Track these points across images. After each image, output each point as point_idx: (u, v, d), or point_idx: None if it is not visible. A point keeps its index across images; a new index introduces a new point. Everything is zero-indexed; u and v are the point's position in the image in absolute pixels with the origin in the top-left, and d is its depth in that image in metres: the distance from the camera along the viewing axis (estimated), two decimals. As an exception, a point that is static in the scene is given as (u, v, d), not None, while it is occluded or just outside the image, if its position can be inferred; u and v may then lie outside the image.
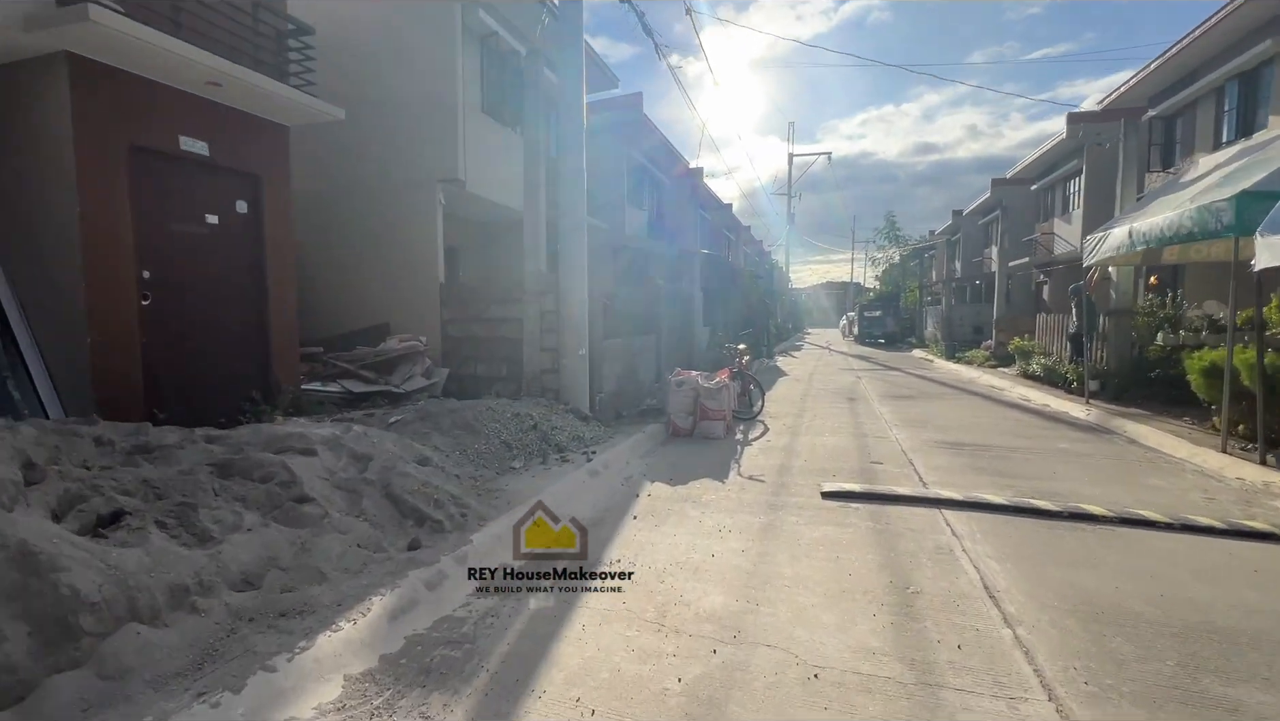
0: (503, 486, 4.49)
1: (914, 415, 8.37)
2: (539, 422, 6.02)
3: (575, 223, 6.84)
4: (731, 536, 3.79)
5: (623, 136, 14.09)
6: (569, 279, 6.83)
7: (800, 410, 8.88)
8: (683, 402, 7.05)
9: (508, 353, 7.39)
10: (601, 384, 7.63)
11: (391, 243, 7.88)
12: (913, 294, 32.82)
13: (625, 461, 5.76)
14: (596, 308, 7.46)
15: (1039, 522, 3.96)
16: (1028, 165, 18.32)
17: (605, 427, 6.72)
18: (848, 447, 6.32)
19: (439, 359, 7.70)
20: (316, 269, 8.35)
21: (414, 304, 7.80)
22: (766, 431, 7.31)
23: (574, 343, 6.86)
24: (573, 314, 6.85)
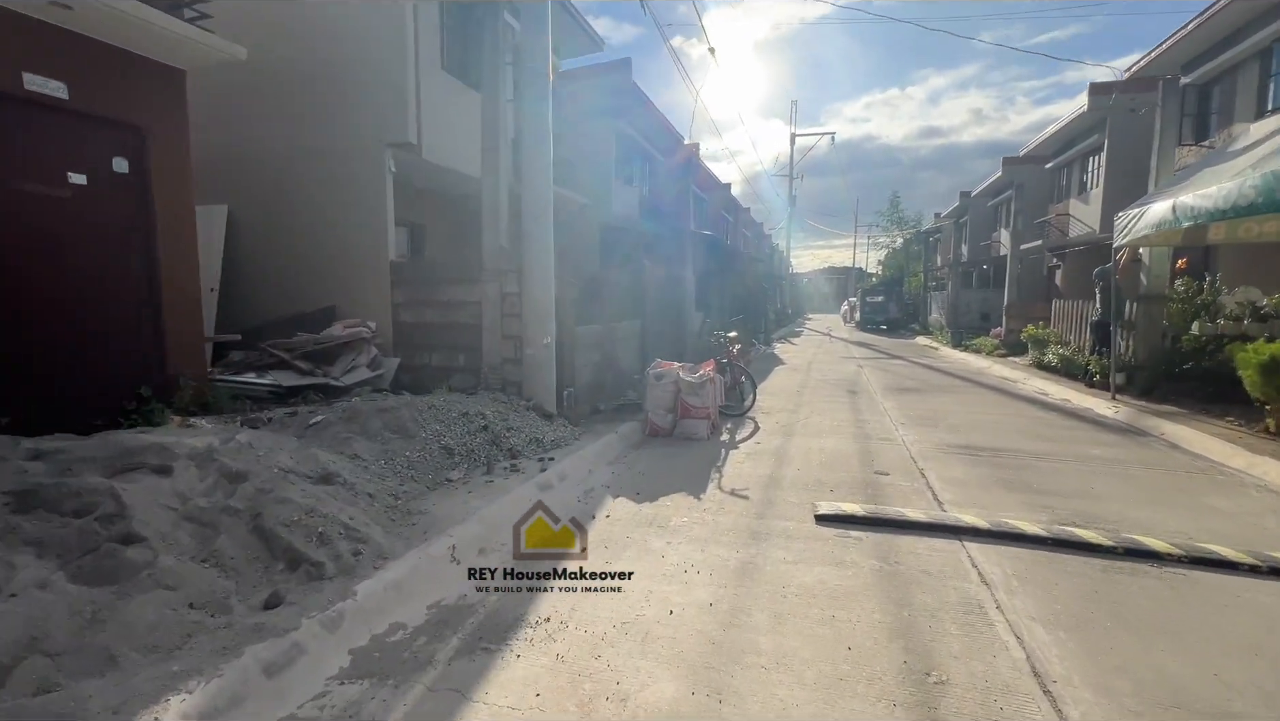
0: (426, 508, 3.68)
1: (922, 411, 7.54)
2: (491, 422, 5.20)
3: (540, 193, 5.95)
4: (699, 580, 2.98)
5: (611, 107, 13.10)
6: (533, 257, 5.97)
7: (796, 405, 8.05)
8: (662, 398, 6.22)
9: (465, 340, 6.55)
10: (574, 375, 6.80)
11: (338, 215, 7.00)
12: (916, 279, 31.87)
13: (588, 470, 4.95)
14: (568, 290, 6.60)
15: (1088, 562, 3.15)
16: (1043, 142, 17.29)
17: (573, 427, 5.90)
18: (848, 452, 5.50)
19: (390, 347, 6.86)
20: (257, 245, 7.48)
21: (364, 285, 6.94)
22: (757, 430, 6.49)
23: (538, 329, 6.01)
24: (537, 297, 5.99)
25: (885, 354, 16.12)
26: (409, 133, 6.61)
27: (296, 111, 7.10)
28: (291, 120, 7.12)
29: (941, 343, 18.33)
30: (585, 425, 6.18)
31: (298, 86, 7.06)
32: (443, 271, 6.59)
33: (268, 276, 7.43)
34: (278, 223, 7.32)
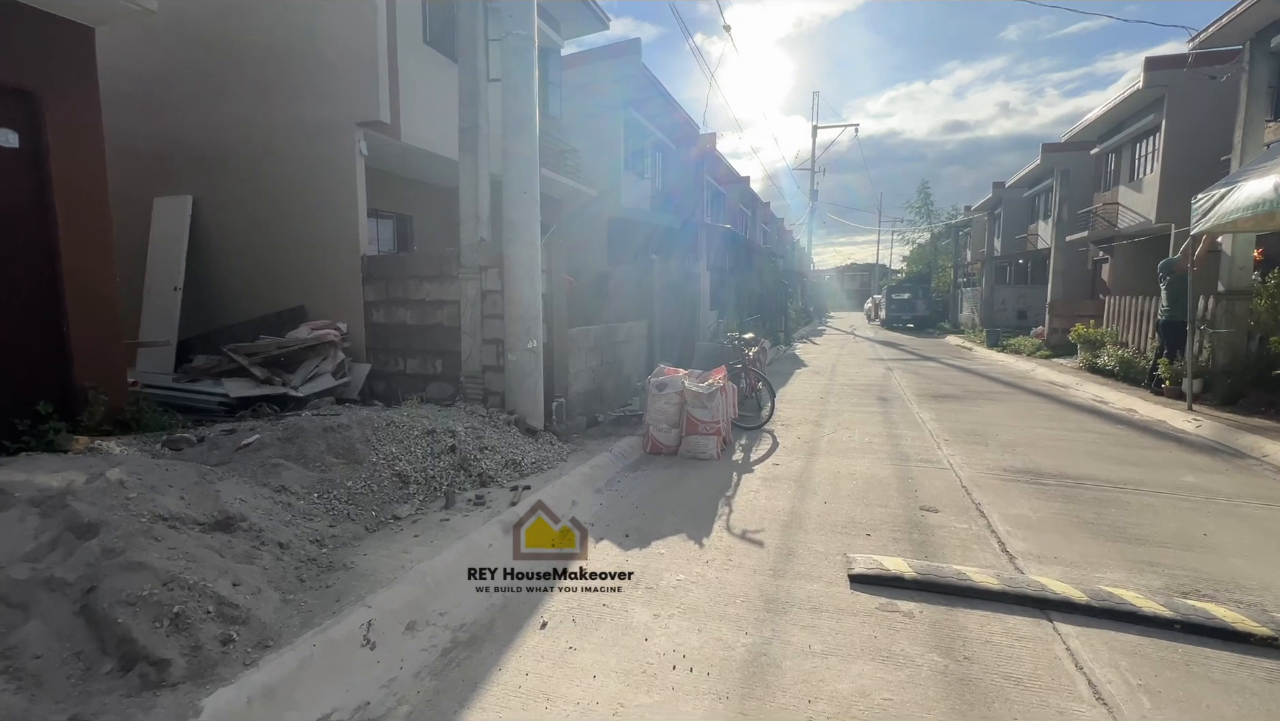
0: (353, 560, 2.91)
1: (966, 423, 6.59)
2: (461, 441, 4.43)
3: (524, 177, 5.16)
4: (687, 686, 2.15)
5: (620, 94, 12.29)
6: (517, 250, 5.19)
7: (820, 415, 7.16)
8: (665, 411, 5.39)
9: (443, 345, 5.80)
10: (567, 384, 6.01)
11: (306, 204, 6.30)
12: (945, 275, 30.51)
13: (571, 500, 4.14)
14: (559, 287, 5.81)
15: (1242, 663, 2.25)
16: (1088, 126, 16.01)
17: (561, 444, 5.11)
18: (884, 479, 4.62)
19: (362, 351, 6.14)
20: (226, 238, 6.83)
21: (334, 282, 6.23)
22: (775, 448, 5.62)
23: (521, 332, 5.23)
24: (521, 295, 5.21)
25: (915, 355, 15.04)
26: (380, 110, 5.87)
27: (260, 89, 6.41)
28: (256, 99, 6.44)
29: (975, 342, 17.17)
30: (577, 442, 5.39)
31: (260, 61, 6.37)
32: (417, 266, 5.85)
33: (238, 272, 6.78)
34: (247, 214, 6.65)
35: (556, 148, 9.28)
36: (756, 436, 6.11)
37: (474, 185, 5.53)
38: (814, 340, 20.03)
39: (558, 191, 10.15)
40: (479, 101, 5.52)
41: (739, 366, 6.80)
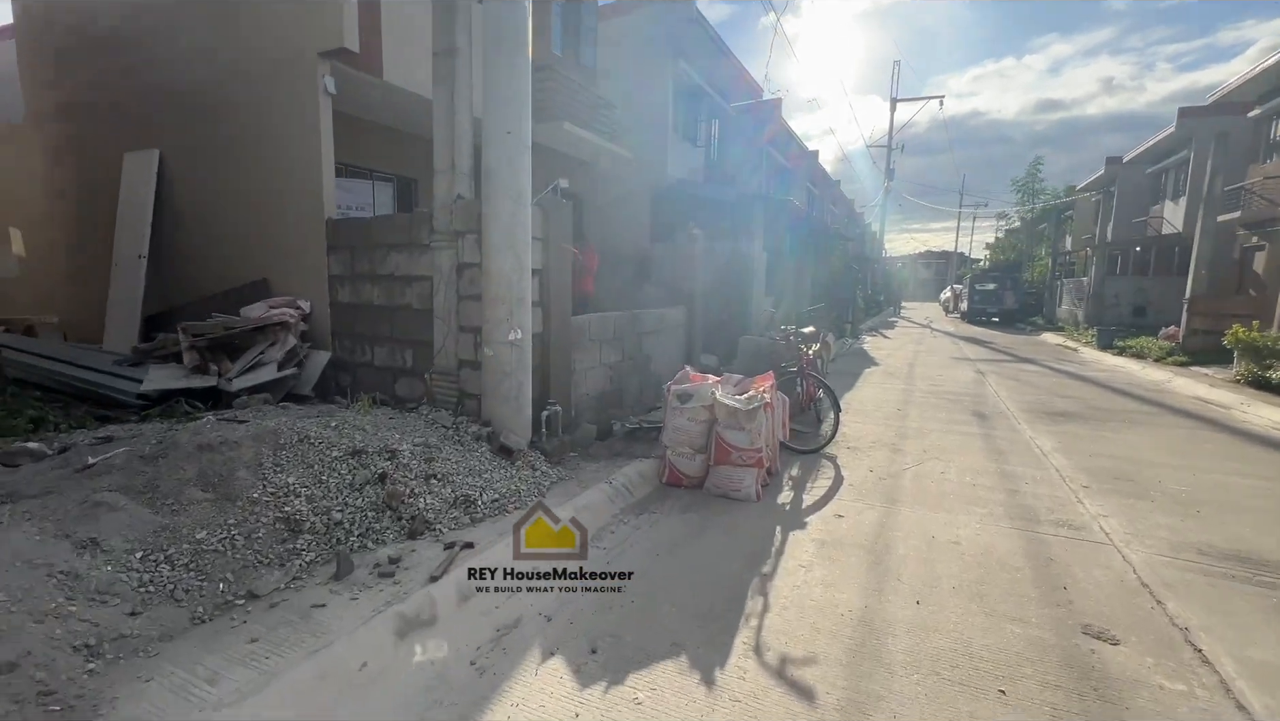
0: (114, 699, 1.73)
1: (1107, 459, 4.85)
2: (398, 468, 3.24)
3: (506, 112, 3.86)
4: None
5: (669, 45, 10.73)
6: (494, 209, 3.91)
7: (899, 435, 5.56)
8: (687, 431, 4.00)
9: (413, 331, 4.62)
10: (569, 385, 4.73)
11: (264, 158, 5.25)
12: (1041, 264, 27.25)
13: (530, 570, 2.85)
14: (561, 262, 4.51)
15: None
16: (1248, 81, 13.05)
17: (547, 469, 3.85)
18: (1008, 557, 3.07)
19: (327, 336, 5.06)
20: (194, 199, 5.91)
21: (298, 252, 5.17)
22: (839, 485, 4.14)
23: (500, 318, 3.97)
24: (499, 270, 3.94)
25: (1008, 354, 12.87)
26: (345, 35, 4.68)
27: (221, 16, 5.37)
28: (216, 29, 5.41)
29: (1081, 342, 14.69)
30: (571, 465, 4.10)
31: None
32: (383, 232, 4.67)
33: (206, 238, 5.85)
34: (213, 170, 5.69)
35: (588, 100, 7.91)
36: (814, 464, 4.63)
37: (449, 126, 4.27)
38: (885, 333, 17.93)
39: (586, 152, 8.78)
40: (458, 19, 4.23)
41: (793, 370, 5.29)
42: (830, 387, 5.28)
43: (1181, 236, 16.00)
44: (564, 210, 4.54)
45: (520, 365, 4.07)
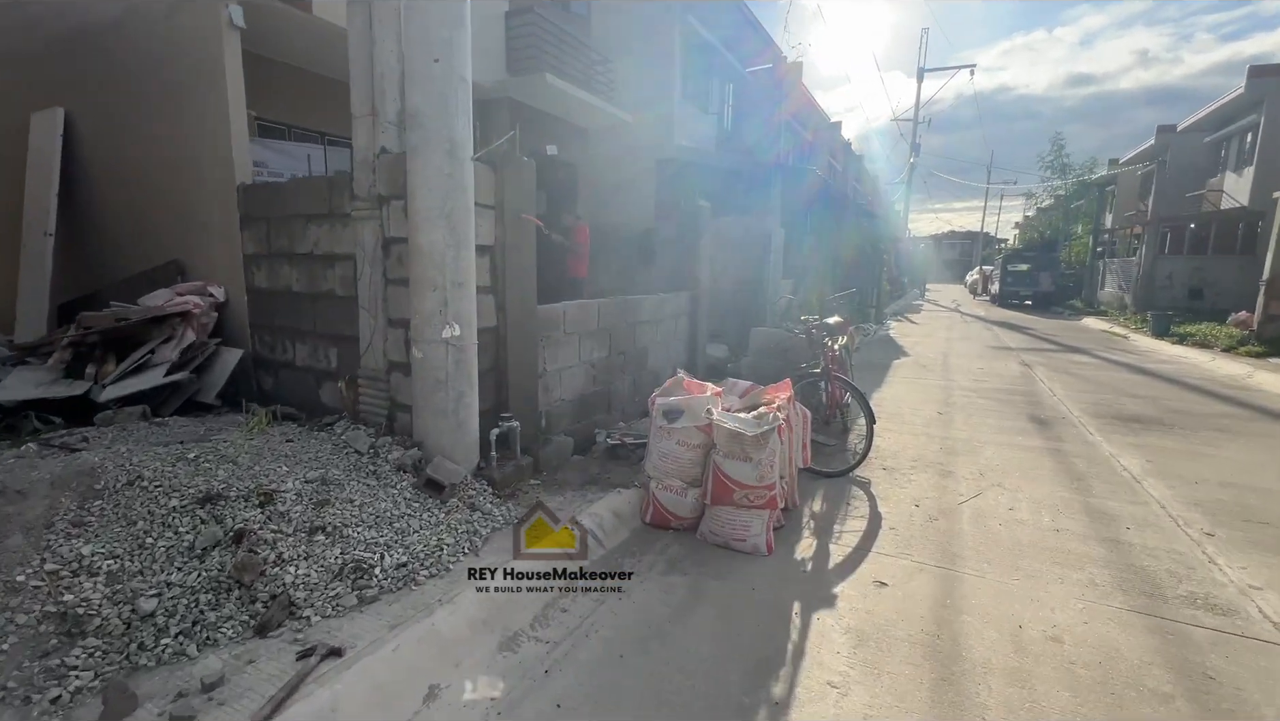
0: None
1: (1215, 486, 3.79)
2: (266, 521, 2.32)
3: (436, 34, 2.87)
4: None
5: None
6: (426, 172, 2.95)
7: (945, 450, 4.54)
8: (675, 459, 3.04)
9: (336, 324, 3.70)
10: (535, 391, 3.78)
11: (167, 113, 4.32)
12: (1080, 243, 25.55)
13: (423, 687, 1.92)
14: (521, 236, 3.53)
15: None
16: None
17: (493, 506, 2.92)
18: (1138, 665, 2.07)
19: (244, 329, 4.16)
20: (108, 167, 5.01)
21: (210, 226, 4.26)
22: (876, 531, 3.15)
23: (431, 309, 3.02)
24: (429, 245, 2.98)
25: (1052, 342, 11.64)
26: (248, -53, 3.69)
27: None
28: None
29: (1130, 328, 13.38)
30: (530, 497, 3.16)
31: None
32: (299, 200, 3.72)
33: (121, 212, 4.97)
34: (124, 130, 4.79)
35: (578, 52, 6.85)
36: (841, 492, 3.64)
37: (368, 57, 3.28)
38: (911, 318, 16.69)
39: (579, 115, 7.73)
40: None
41: (816, 371, 4.27)
42: (861, 392, 4.26)
43: (1247, 211, 14.47)
44: (525, 170, 3.55)
45: (460, 370, 3.12)
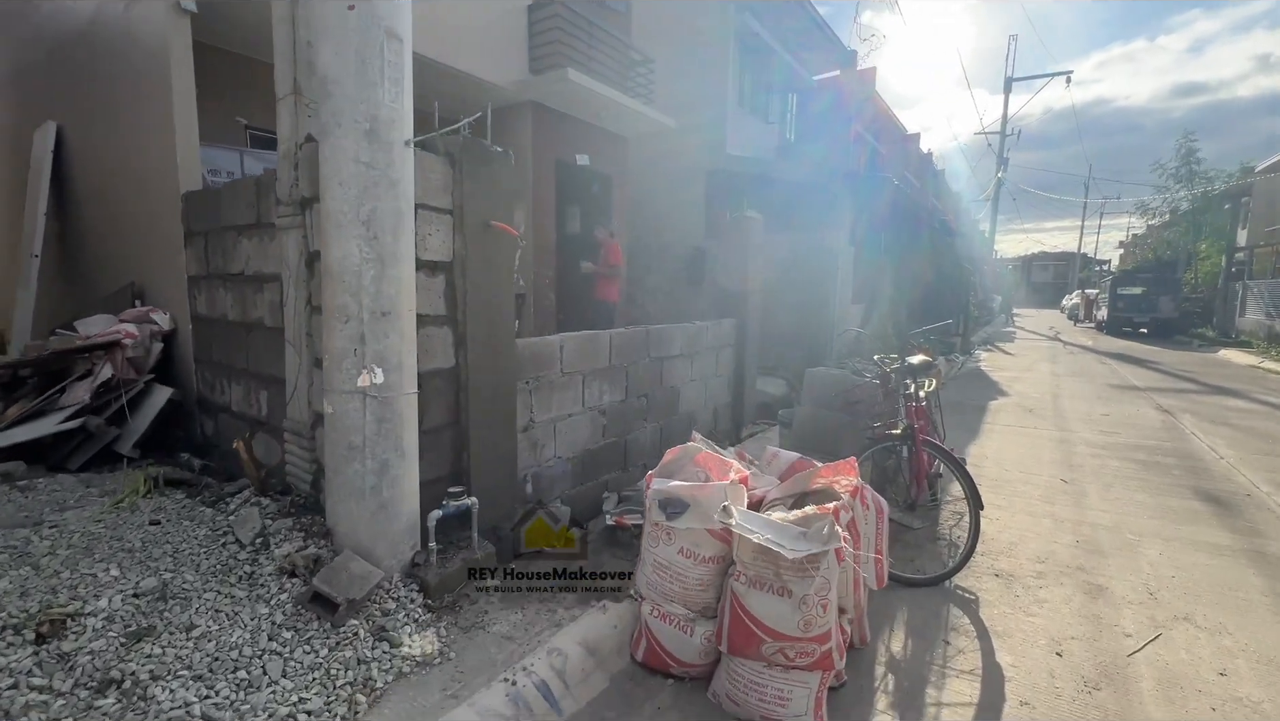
0: None
1: None
2: (4, 668, 1.49)
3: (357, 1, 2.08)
4: None
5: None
6: (338, 162, 2.14)
7: (1082, 543, 3.24)
8: (678, 574, 2.01)
9: (267, 361, 2.95)
10: (533, 444, 2.89)
11: (129, 118, 3.83)
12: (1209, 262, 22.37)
13: None
14: (495, 253, 2.68)
15: None
16: None
17: (418, 630, 2.01)
18: None
19: (189, 361, 3.51)
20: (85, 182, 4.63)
21: (158, 242, 3.69)
22: (998, 705, 1.97)
23: (343, 348, 2.19)
24: (345, 266, 2.17)
25: (1190, 380, 9.62)
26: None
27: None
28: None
29: (1290, 364, 11.02)
30: (479, 610, 2.22)
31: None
32: (230, 207, 3.03)
33: (102, 229, 4.57)
34: (104, 141, 4.38)
35: (615, 52, 6.08)
36: (936, 621, 2.47)
37: (289, 21, 2.54)
38: (1004, 347, 14.73)
39: (615, 120, 6.88)
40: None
41: (895, 433, 3.10)
42: (960, 462, 3.05)
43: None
44: (498, 165, 2.70)
45: (383, 431, 2.26)
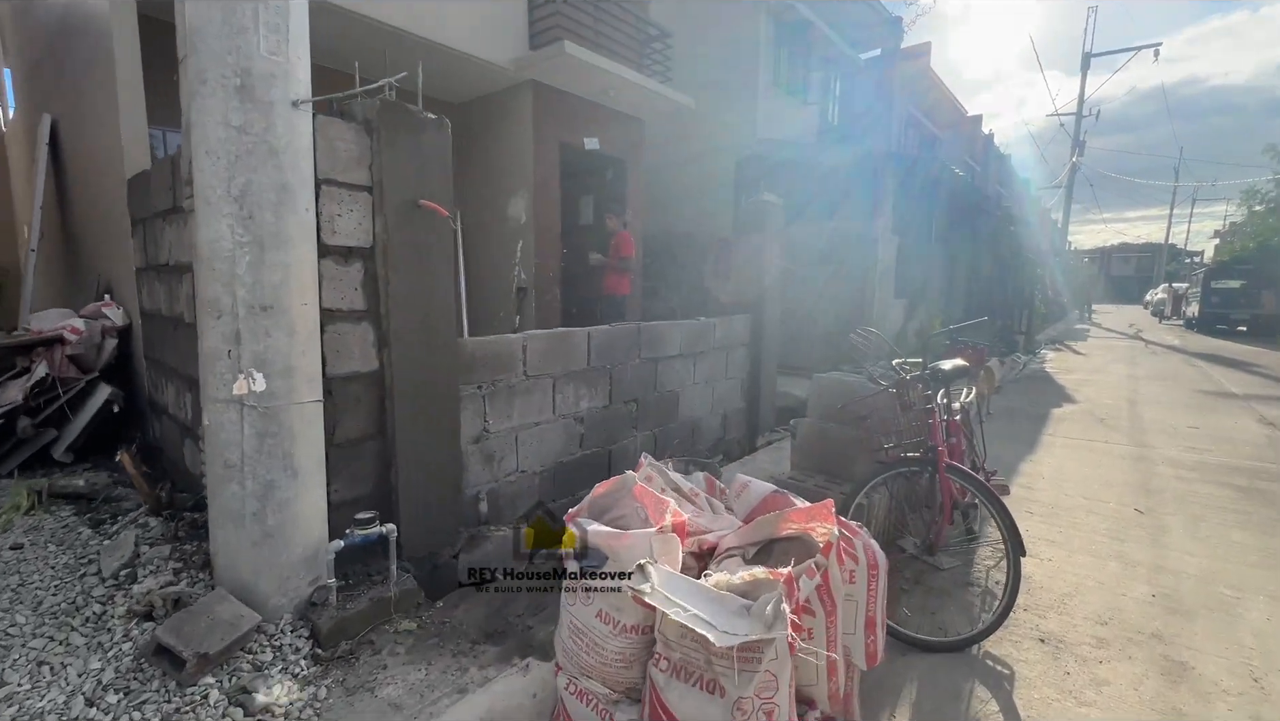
0: None
1: None
2: None
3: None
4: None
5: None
6: (204, 126, 1.79)
7: (1161, 599, 2.57)
8: (594, 644, 1.55)
9: (189, 359, 2.66)
10: (489, 458, 2.51)
11: (86, 101, 3.67)
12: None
13: None
14: (426, 236, 2.29)
15: None
16: None
17: (297, 687, 1.64)
18: None
19: (141, 360, 3.31)
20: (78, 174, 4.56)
21: (116, 232, 3.50)
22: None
23: (217, 349, 1.85)
24: (214, 250, 1.83)
25: (1301, 388, 8.32)
26: None
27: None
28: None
29: None
30: (379, 661, 1.84)
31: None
32: (156, 191, 2.76)
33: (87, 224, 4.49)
34: (80, 128, 4.27)
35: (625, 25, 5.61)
36: (950, 711, 1.91)
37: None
38: (1075, 346, 13.41)
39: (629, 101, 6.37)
40: None
41: (914, 455, 2.52)
42: (997, 497, 2.45)
43: None
44: (429, 134, 2.30)
45: (267, 448, 1.91)
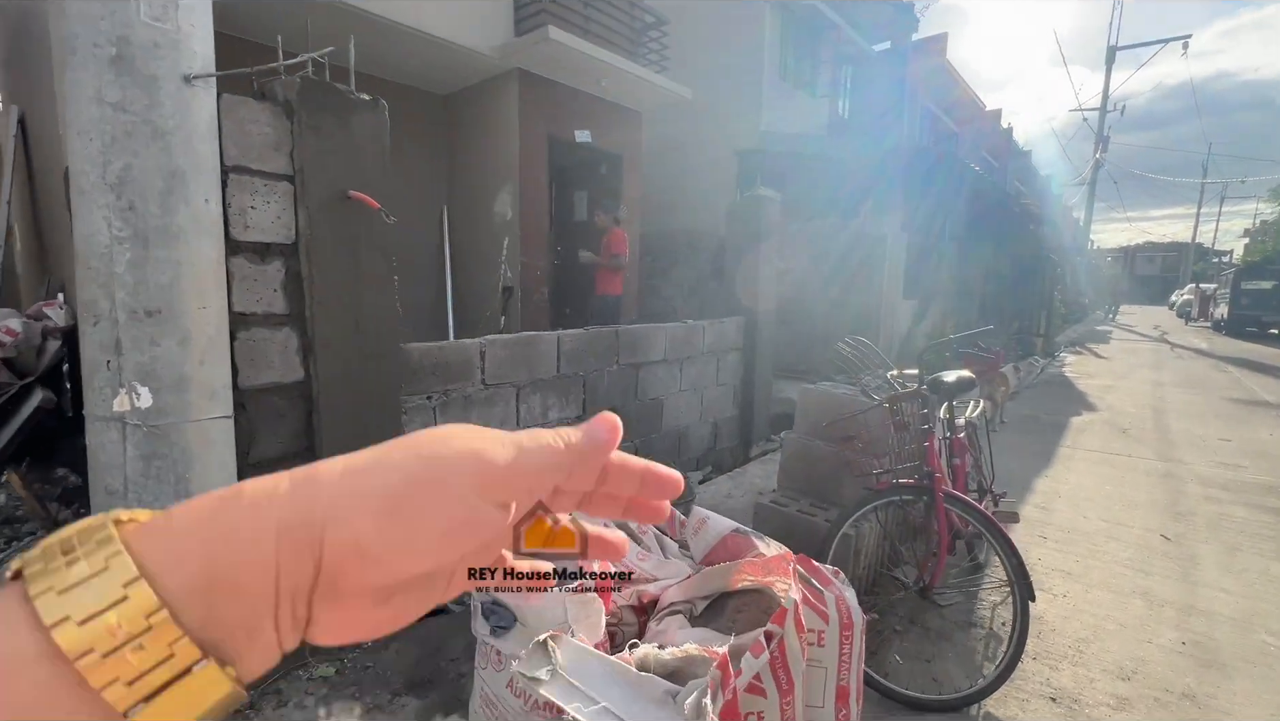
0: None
1: None
2: None
3: None
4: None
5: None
6: (77, 105, 1.55)
7: (1191, 649, 2.26)
8: (507, 718, 1.29)
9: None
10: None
11: (44, 90, 3.49)
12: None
13: None
14: (355, 228, 2.04)
15: None
16: None
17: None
18: None
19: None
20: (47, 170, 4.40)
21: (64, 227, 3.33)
22: None
23: (94, 360, 1.62)
24: (91, 250, 1.60)
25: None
26: None
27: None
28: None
29: None
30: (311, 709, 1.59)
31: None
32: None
33: (46, 219, 4.32)
34: (43, 118, 4.11)
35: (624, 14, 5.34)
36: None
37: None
38: (1097, 350, 12.90)
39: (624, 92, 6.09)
40: None
41: (908, 483, 2.23)
42: (1002, 531, 2.14)
43: None
44: (361, 116, 2.06)
45: (153, 472, 1.70)
